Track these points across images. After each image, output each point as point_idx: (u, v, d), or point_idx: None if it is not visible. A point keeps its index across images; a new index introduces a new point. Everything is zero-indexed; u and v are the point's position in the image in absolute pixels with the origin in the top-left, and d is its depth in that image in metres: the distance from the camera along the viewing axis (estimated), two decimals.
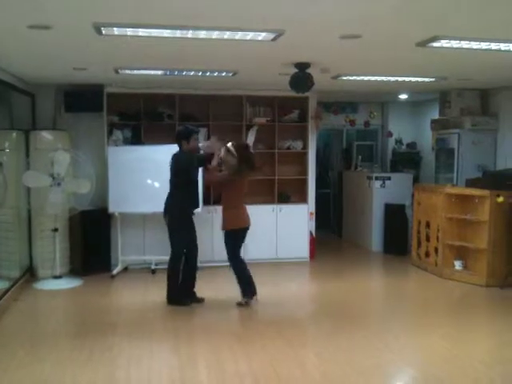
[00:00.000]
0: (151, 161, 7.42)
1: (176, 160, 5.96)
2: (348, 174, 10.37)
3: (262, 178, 8.36)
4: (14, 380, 4.13)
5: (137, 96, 7.79)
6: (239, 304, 5.98)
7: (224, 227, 6.01)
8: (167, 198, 6.04)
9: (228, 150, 5.84)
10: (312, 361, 4.69)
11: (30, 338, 5.17)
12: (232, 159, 5.82)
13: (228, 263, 6.10)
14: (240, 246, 6.10)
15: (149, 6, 3.66)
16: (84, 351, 4.71)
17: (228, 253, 6.02)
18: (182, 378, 4.26)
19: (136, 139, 7.88)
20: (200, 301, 6.11)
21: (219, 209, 7.87)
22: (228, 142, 5.96)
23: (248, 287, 6.04)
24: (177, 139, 6.07)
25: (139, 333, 5.27)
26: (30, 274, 7.26)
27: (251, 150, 6.32)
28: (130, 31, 4.33)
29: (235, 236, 6.01)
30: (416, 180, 9.70)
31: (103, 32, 4.33)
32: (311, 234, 8.55)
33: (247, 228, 6.06)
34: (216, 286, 6.24)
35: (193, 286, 6.14)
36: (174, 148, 6.11)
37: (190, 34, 4.39)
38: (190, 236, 6.09)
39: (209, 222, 7.67)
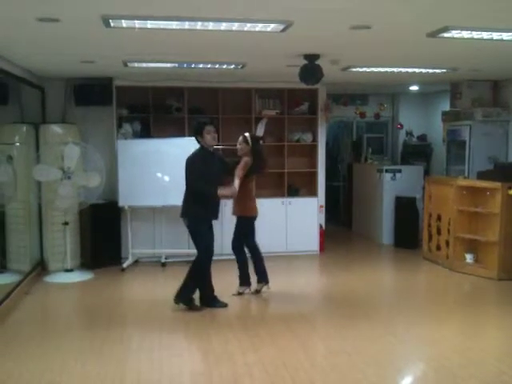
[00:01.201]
0: (161, 154, 7.42)
1: (187, 164, 5.63)
2: (358, 167, 10.32)
3: (271, 170, 8.35)
4: (26, 371, 4.16)
5: (145, 89, 7.79)
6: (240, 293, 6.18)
7: (247, 213, 6.11)
8: (185, 200, 5.71)
9: (245, 138, 6.02)
10: (321, 352, 4.69)
11: (41, 330, 5.21)
12: (246, 147, 5.99)
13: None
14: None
15: None
16: (95, 344, 4.74)
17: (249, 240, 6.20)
18: (192, 369, 4.28)
19: (145, 132, 7.88)
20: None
21: (228, 202, 7.90)
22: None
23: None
24: (194, 136, 5.78)
25: (149, 325, 5.29)
26: (40, 267, 7.30)
27: (262, 143, 6.42)
28: (138, 23, 4.32)
29: (253, 222, 6.20)
30: (427, 172, 9.64)
31: (111, 24, 4.32)
32: (321, 226, 8.52)
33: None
34: (225, 279, 6.24)
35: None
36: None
37: (198, 25, 4.37)
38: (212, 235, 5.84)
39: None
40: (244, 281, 6.19)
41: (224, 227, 7.23)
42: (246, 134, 6.08)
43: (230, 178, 5.84)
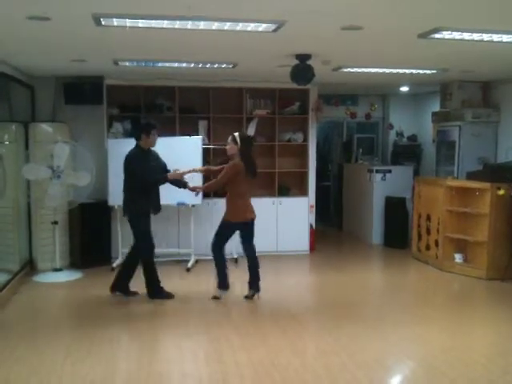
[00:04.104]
0: None
1: (129, 163, 5.85)
2: (348, 167, 10.35)
3: (262, 170, 8.35)
4: (14, 372, 4.13)
5: (136, 88, 7.76)
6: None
7: (231, 218, 5.94)
8: (125, 197, 5.97)
9: (234, 138, 5.87)
10: (311, 353, 4.70)
11: (30, 330, 5.17)
12: (234, 147, 5.85)
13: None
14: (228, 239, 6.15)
15: None
16: (84, 344, 4.71)
17: (216, 242, 6.02)
18: (182, 369, 4.26)
19: None
20: (135, 294, 6.13)
21: (220, 202, 7.87)
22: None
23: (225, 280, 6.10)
24: (136, 132, 5.99)
25: (138, 325, 5.28)
26: (29, 266, 7.25)
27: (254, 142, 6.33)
28: (129, 22, 4.30)
29: (234, 228, 6.01)
30: (417, 173, 9.68)
31: (102, 23, 4.30)
32: (311, 226, 8.53)
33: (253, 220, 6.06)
34: (215, 279, 6.24)
35: (130, 278, 6.16)
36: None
37: (189, 24, 4.36)
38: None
39: (208, 216, 7.64)
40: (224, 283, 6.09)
41: (214, 227, 7.21)
42: (236, 134, 5.93)
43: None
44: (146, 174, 5.80)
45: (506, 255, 6.82)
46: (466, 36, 4.78)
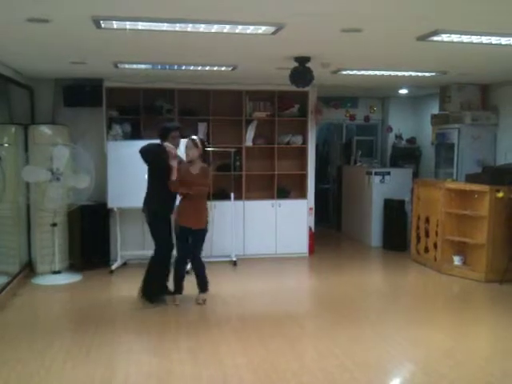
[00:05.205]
0: None
1: (156, 152, 5.83)
2: (347, 169, 10.36)
3: (261, 173, 8.38)
4: (13, 375, 4.13)
5: (136, 90, 7.77)
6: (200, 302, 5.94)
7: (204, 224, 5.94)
8: (149, 193, 6.01)
9: (195, 142, 5.81)
10: (310, 355, 4.69)
11: (29, 333, 5.16)
12: (196, 151, 5.79)
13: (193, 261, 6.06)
14: None
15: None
16: (83, 346, 4.71)
17: (199, 251, 5.99)
18: (182, 372, 4.26)
19: (135, 134, 7.85)
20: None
21: (218, 204, 7.90)
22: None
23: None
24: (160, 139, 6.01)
25: (138, 328, 5.28)
26: (29, 269, 7.25)
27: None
28: (129, 25, 4.31)
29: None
30: (416, 175, 9.69)
31: (102, 25, 4.31)
32: (310, 229, 8.54)
33: None
34: (215, 281, 6.23)
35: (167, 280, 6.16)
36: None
37: (189, 27, 4.37)
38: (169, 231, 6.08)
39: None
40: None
41: (214, 229, 7.21)
42: (195, 137, 5.89)
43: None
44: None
45: (505, 258, 6.82)
46: (465, 39, 4.80)
